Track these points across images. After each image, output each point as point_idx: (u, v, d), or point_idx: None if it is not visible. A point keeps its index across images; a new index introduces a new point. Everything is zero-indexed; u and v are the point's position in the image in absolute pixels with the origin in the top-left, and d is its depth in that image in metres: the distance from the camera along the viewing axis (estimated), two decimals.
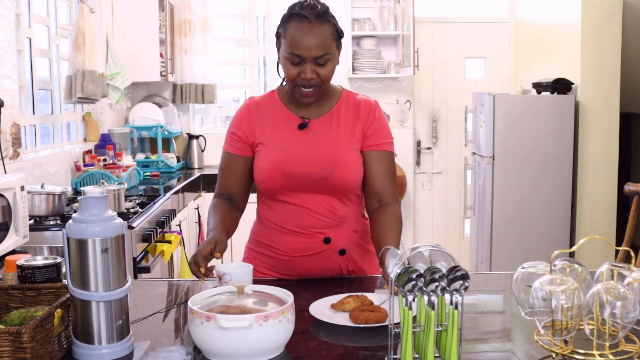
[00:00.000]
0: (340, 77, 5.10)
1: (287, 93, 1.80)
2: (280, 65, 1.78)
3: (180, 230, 3.57)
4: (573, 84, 4.35)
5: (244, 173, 1.81)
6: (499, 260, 4.44)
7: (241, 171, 1.81)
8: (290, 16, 1.68)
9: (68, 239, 1.25)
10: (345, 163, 1.74)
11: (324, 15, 1.67)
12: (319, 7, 1.68)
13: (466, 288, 1.18)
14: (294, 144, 1.75)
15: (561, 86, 4.36)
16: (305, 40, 1.64)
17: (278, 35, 1.72)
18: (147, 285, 1.83)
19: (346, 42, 4.99)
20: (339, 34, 1.71)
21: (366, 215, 1.88)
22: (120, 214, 2.74)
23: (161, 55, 4.54)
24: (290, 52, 1.66)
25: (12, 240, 2.11)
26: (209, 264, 1.58)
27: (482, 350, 1.33)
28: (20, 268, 1.46)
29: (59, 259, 1.49)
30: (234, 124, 1.82)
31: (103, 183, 2.96)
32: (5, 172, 2.57)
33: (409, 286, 1.16)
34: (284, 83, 1.79)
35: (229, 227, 1.74)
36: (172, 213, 3.44)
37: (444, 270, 1.18)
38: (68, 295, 1.28)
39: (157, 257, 3.00)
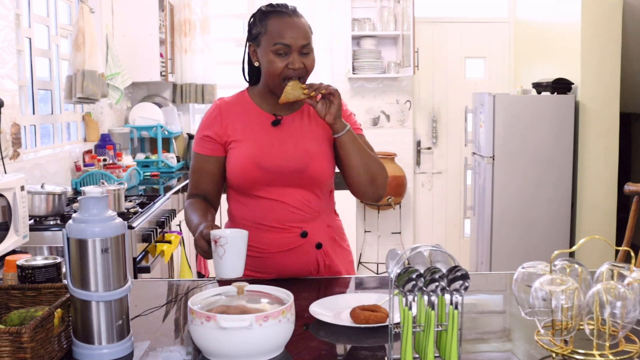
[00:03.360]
0: (340, 77, 5.10)
1: (259, 92, 1.83)
2: (246, 68, 1.85)
3: (180, 230, 3.57)
4: (573, 84, 4.35)
5: (217, 173, 1.82)
6: (499, 260, 4.44)
7: (214, 172, 1.82)
8: (267, 14, 1.74)
9: (68, 239, 1.25)
10: (320, 155, 1.77)
11: (297, 11, 1.77)
12: (290, 5, 1.76)
13: (466, 288, 1.18)
14: (269, 139, 1.77)
15: (561, 86, 4.36)
16: (290, 30, 1.69)
17: (255, 36, 1.75)
18: (147, 285, 1.83)
19: (346, 42, 5.00)
20: (311, 29, 1.78)
21: (337, 212, 1.94)
22: (120, 214, 2.74)
23: (161, 55, 4.54)
24: (276, 42, 1.69)
25: (12, 240, 2.11)
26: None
27: (482, 350, 1.33)
28: (20, 268, 1.46)
29: (59, 259, 1.49)
30: (205, 126, 1.82)
31: (103, 183, 2.96)
32: (5, 172, 2.57)
33: (409, 286, 1.17)
34: (250, 84, 1.87)
35: (212, 221, 1.75)
36: (172, 213, 3.44)
37: (444, 270, 1.18)
38: (68, 295, 1.28)
39: (157, 257, 3.00)
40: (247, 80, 1.88)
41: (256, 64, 1.79)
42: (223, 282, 1.72)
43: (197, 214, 1.73)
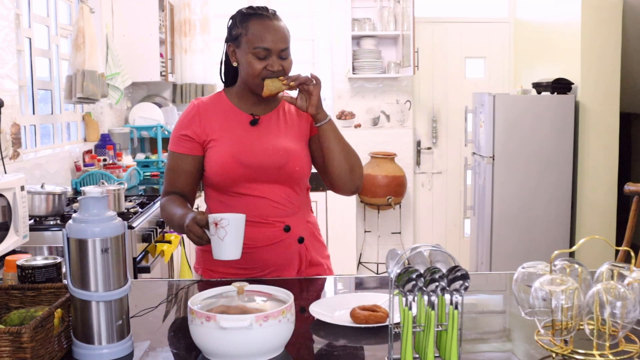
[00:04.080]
0: (340, 77, 5.11)
1: (236, 93, 1.86)
2: (223, 69, 1.89)
3: None
4: (573, 84, 4.35)
5: (194, 172, 1.83)
6: (499, 260, 4.44)
7: (191, 170, 1.82)
8: (247, 17, 1.77)
9: (68, 239, 1.25)
10: (297, 152, 1.82)
11: (277, 15, 1.80)
12: (270, 9, 1.80)
13: (466, 288, 1.18)
14: (248, 138, 1.80)
15: (561, 86, 4.36)
16: (270, 33, 1.73)
17: (236, 37, 1.78)
18: (147, 285, 1.83)
19: (346, 42, 5.00)
20: (289, 34, 1.82)
21: (313, 210, 1.99)
22: (120, 214, 2.74)
23: (161, 55, 4.54)
24: (256, 46, 1.73)
25: (12, 240, 2.11)
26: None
27: (482, 350, 1.33)
28: (20, 268, 1.46)
29: (59, 259, 1.49)
30: (182, 125, 1.83)
31: (103, 183, 2.95)
32: (5, 172, 2.57)
33: (409, 286, 1.16)
34: (227, 83, 1.89)
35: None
36: None
37: (444, 270, 1.18)
38: (68, 295, 1.28)
39: (157, 257, 3.00)
40: (223, 80, 1.91)
41: (234, 64, 1.82)
42: (219, 283, 1.72)
43: (179, 207, 1.73)
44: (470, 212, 4.88)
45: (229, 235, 1.51)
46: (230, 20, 1.83)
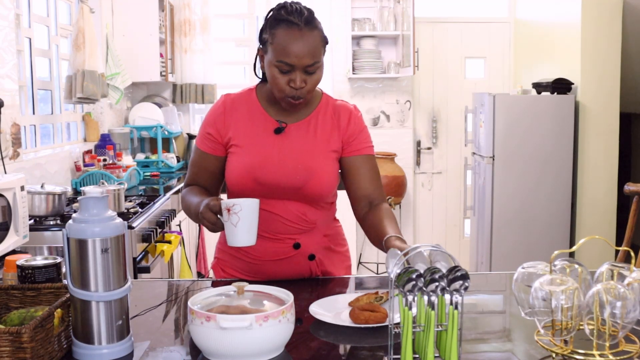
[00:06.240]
0: (340, 77, 5.10)
1: (267, 93, 1.76)
2: (257, 65, 1.76)
3: (180, 230, 3.57)
4: (573, 84, 4.35)
5: (216, 171, 1.79)
6: (499, 260, 4.44)
7: (213, 170, 1.79)
8: (278, 22, 1.62)
9: (68, 239, 1.25)
10: (320, 172, 1.72)
11: (312, 21, 1.63)
12: (306, 12, 1.63)
13: (466, 288, 1.18)
14: (269, 150, 1.71)
15: (561, 86, 4.36)
16: (296, 48, 1.59)
17: (263, 41, 1.66)
18: (147, 285, 1.83)
19: (346, 42, 5.00)
20: (325, 41, 1.68)
21: (337, 218, 1.89)
22: (120, 214, 2.74)
23: (161, 55, 4.54)
24: (279, 60, 1.60)
25: (12, 240, 2.11)
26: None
27: (482, 350, 1.33)
28: (20, 268, 1.46)
29: (59, 259, 1.49)
30: (208, 122, 1.77)
31: (103, 183, 2.96)
32: (5, 172, 2.57)
33: (409, 286, 1.16)
34: (262, 80, 1.79)
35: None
36: (172, 213, 3.44)
37: (444, 270, 1.18)
38: (68, 295, 1.28)
39: (157, 257, 3.00)
40: (259, 76, 1.80)
41: (262, 70, 1.72)
42: (219, 283, 1.73)
43: (196, 196, 1.69)
44: (470, 212, 4.88)
45: (242, 221, 1.48)
46: (269, 14, 1.67)
